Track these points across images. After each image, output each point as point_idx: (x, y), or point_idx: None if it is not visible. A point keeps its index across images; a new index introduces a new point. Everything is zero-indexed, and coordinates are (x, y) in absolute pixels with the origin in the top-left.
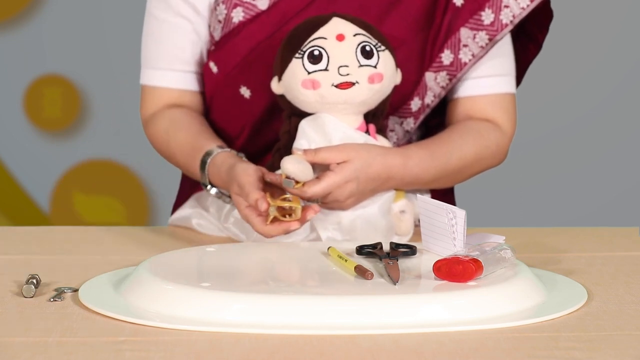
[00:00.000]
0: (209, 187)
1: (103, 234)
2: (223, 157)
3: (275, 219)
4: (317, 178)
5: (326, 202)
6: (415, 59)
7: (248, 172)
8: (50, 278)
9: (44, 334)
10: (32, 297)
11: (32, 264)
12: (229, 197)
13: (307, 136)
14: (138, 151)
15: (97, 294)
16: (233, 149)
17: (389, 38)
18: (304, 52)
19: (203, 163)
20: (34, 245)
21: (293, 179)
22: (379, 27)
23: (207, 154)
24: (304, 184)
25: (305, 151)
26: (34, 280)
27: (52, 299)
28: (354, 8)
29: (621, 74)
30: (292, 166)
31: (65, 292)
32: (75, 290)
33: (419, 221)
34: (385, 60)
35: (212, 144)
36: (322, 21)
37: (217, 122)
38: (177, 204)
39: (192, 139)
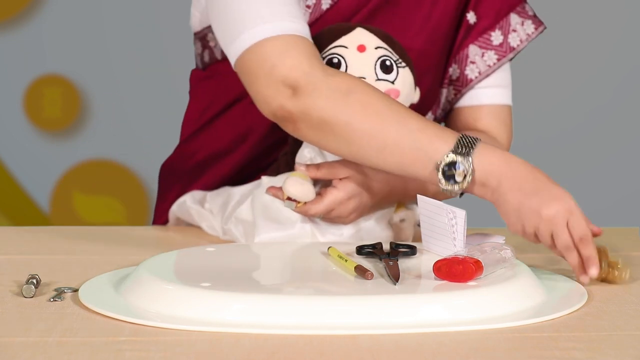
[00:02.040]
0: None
1: (103, 234)
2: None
3: None
4: (320, 195)
5: (329, 218)
6: (439, 80)
7: None
8: (50, 278)
9: (44, 334)
10: (32, 297)
11: (32, 264)
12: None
13: (312, 145)
14: (138, 151)
15: (97, 294)
16: (234, 156)
17: (425, 58)
18: (324, 58)
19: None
20: (34, 245)
21: (294, 199)
22: (414, 47)
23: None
24: (306, 203)
25: (307, 167)
26: (34, 280)
27: (52, 299)
28: (389, 31)
29: (621, 77)
30: (294, 189)
31: (65, 292)
32: (75, 290)
33: (419, 224)
34: (404, 77)
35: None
36: (346, 30)
37: (239, 118)
38: (159, 203)
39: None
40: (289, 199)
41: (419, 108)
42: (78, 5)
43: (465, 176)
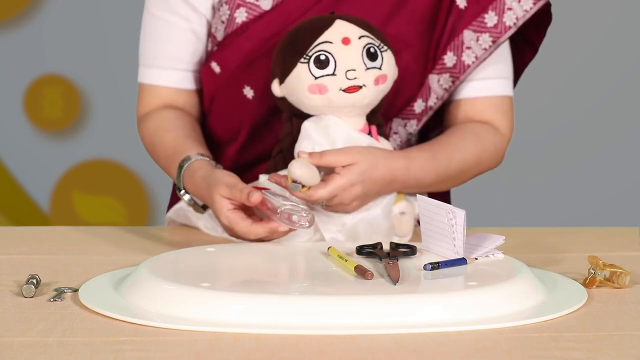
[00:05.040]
0: (182, 192)
1: (103, 234)
2: (200, 164)
3: (259, 220)
4: (323, 181)
5: (331, 205)
6: (420, 61)
7: (231, 174)
8: (50, 278)
9: (44, 334)
10: (32, 297)
11: (32, 264)
12: (202, 207)
13: (310, 138)
14: (138, 151)
15: (97, 294)
16: (230, 153)
17: (394, 40)
18: (310, 56)
19: (180, 167)
20: (34, 245)
21: (300, 183)
22: (385, 30)
23: (186, 159)
24: (309, 188)
25: (310, 154)
26: (34, 280)
27: (52, 299)
28: (359, 10)
29: (621, 72)
30: (301, 170)
31: (65, 292)
32: (75, 290)
33: (418, 221)
34: (388, 61)
35: (194, 150)
36: (326, 24)
37: (215, 125)
38: (172, 204)
39: (177, 142)
40: (294, 181)
41: (401, 89)
42: (78, 5)
43: (192, 200)
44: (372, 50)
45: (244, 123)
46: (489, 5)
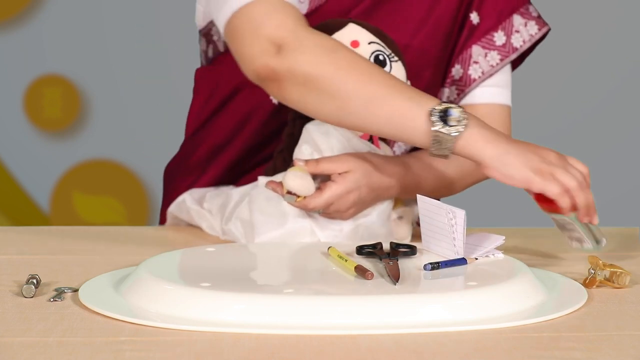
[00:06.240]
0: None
1: (103, 234)
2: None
3: None
4: (319, 189)
5: (328, 213)
6: (438, 77)
7: None
8: (50, 278)
9: (44, 334)
10: (32, 297)
11: (32, 264)
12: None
13: (310, 141)
14: (138, 151)
15: (97, 294)
16: (235, 150)
17: (421, 55)
18: None
19: (445, 113)
20: (34, 245)
21: (294, 193)
22: (411, 43)
23: (453, 106)
24: (305, 197)
25: (306, 162)
26: (34, 280)
27: (52, 299)
28: (387, 24)
29: (620, 74)
30: (294, 182)
31: (65, 292)
32: (75, 290)
33: (417, 223)
34: (397, 72)
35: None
36: (338, 26)
37: (227, 121)
38: (165, 201)
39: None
40: (289, 192)
41: None
42: (78, 5)
43: (460, 120)
44: (380, 57)
45: (252, 121)
46: (499, 24)
